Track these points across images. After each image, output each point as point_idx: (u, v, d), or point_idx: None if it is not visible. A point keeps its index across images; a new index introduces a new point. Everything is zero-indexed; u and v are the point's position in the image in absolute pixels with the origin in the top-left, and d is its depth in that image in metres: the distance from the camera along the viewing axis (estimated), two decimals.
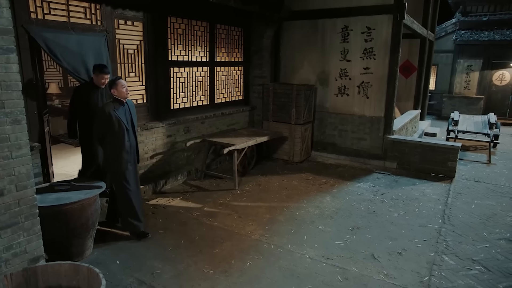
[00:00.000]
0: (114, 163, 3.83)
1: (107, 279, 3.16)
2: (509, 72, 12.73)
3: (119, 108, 3.78)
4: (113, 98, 3.81)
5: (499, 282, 3.30)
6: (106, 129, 3.74)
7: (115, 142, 3.78)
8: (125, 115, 3.83)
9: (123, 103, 3.83)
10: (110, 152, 3.82)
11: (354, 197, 5.32)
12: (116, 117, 3.72)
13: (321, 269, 3.45)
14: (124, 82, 3.83)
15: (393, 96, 6.63)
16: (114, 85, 3.76)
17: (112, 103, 3.79)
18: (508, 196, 5.48)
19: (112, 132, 3.75)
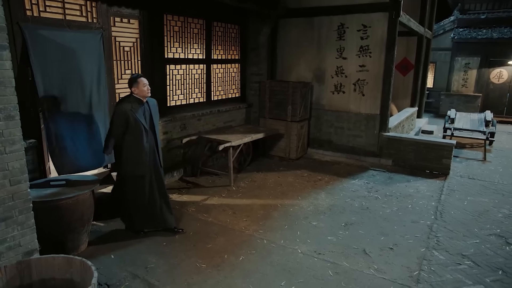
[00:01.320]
0: (133, 165, 3.70)
1: (101, 273, 3.24)
2: (506, 70, 12.75)
3: (138, 107, 3.63)
4: (132, 96, 3.66)
5: (487, 276, 3.35)
6: (123, 129, 3.60)
7: (132, 143, 3.64)
8: (144, 115, 3.68)
9: (143, 103, 3.70)
10: (128, 153, 3.68)
11: (349, 193, 5.37)
12: (134, 117, 3.57)
13: (313, 264, 3.50)
14: (146, 80, 3.66)
15: (388, 94, 6.67)
16: (135, 83, 3.60)
17: (129, 102, 3.63)
18: (501, 193, 5.53)
19: (129, 133, 3.61)
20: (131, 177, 3.76)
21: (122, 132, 3.60)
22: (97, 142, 4.39)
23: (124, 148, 3.66)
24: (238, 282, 3.18)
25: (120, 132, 3.60)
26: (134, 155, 3.65)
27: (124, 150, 3.67)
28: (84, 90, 4.25)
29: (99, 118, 4.46)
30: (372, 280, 3.27)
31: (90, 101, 4.33)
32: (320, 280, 3.24)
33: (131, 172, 3.73)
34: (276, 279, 3.23)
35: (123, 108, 3.55)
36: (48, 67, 3.88)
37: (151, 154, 3.78)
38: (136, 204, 3.86)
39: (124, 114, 3.54)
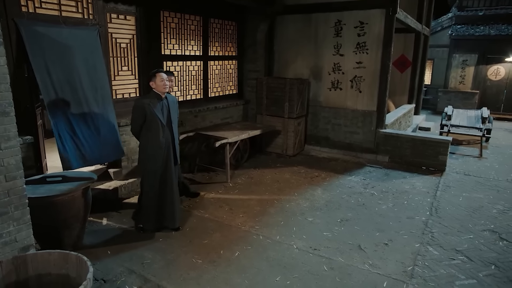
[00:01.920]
0: (148, 159, 3.74)
1: (97, 269, 3.27)
2: (504, 67, 12.78)
3: (156, 102, 3.66)
4: (153, 92, 3.69)
5: (480, 271, 3.39)
6: (141, 122, 3.67)
7: (149, 138, 3.70)
8: (162, 110, 3.70)
9: (161, 98, 3.72)
10: (144, 147, 3.75)
11: (345, 190, 5.40)
12: (151, 112, 3.60)
13: (308, 259, 3.52)
14: (165, 75, 3.67)
15: (385, 90, 6.69)
16: (153, 77, 3.63)
17: (148, 97, 3.67)
18: (496, 189, 5.57)
19: (146, 127, 3.67)
20: (145, 169, 3.80)
21: (141, 126, 3.69)
22: (103, 137, 4.42)
23: (141, 141, 3.76)
24: (233, 277, 3.21)
25: (139, 126, 3.69)
26: (149, 149, 3.71)
27: (142, 143, 3.76)
28: (84, 87, 4.26)
29: (104, 112, 4.48)
30: (367, 275, 3.29)
31: (92, 97, 4.34)
32: (315, 275, 3.27)
33: (146, 165, 3.77)
34: (271, 274, 3.25)
35: (141, 102, 3.62)
36: (46, 64, 3.89)
37: (166, 150, 3.79)
38: (146, 198, 3.87)
39: (142, 107, 3.59)
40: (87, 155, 4.20)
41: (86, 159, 4.19)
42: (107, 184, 4.95)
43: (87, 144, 4.20)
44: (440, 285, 3.17)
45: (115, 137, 4.60)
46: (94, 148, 4.30)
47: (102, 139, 4.38)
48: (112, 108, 4.57)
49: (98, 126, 4.35)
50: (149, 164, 3.76)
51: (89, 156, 4.22)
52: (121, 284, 3.09)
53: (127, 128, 5.12)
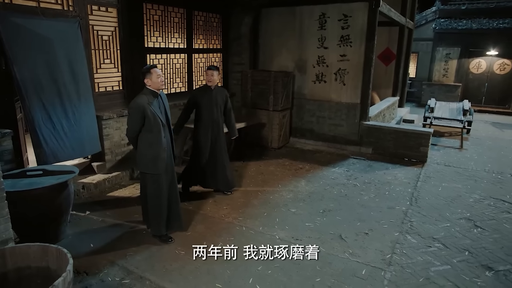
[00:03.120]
0: (150, 163, 3.47)
1: (80, 262, 3.27)
2: (485, 61, 13.04)
3: (153, 101, 3.40)
4: (146, 89, 3.43)
5: (454, 257, 3.51)
6: (140, 125, 3.38)
7: (150, 140, 3.42)
8: (160, 108, 3.47)
9: (157, 95, 3.47)
10: (145, 151, 3.47)
11: (328, 181, 5.49)
12: (151, 111, 3.34)
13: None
14: (159, 70, 3.44)
15: (368, 83, 6.77)
16: (148, 74, 3.36)
17: (145, 95, 3.39)
18: (474, 179, 5.73)
19: (147, 129, 3.39)
20: (148, 175, 3.55)
21: (140, 129, 3.41)
22: (81, 130, 4.39)
23: (141, 144, 3.48)
24: (216, 267, 3.26)
25: (138, 129, 3.40)
26: (152, 152, 3.44)
27: (142, 147, 3.48)
28: (64, 79, 4.21)
29: (83, 106, 4.44)
30: (346, 264, 3.38)
31: (72, 90, 4.30)
32: (296, 264, 3.34)
33: (150, 170, 3.51)
34: (253, 264, 3.31)
35: (140, 103, 3.32)
36: (25, 57, 3.83)
37: (168, 151, 3.59)
38: (154, 205, 3.63)
39: (141, 109, 3.31)
40: (65, 149, 4.16)
41: (65, 153, 4.15)
42: (90, 178, 4.94)
43: (66, 138, 4.17)
44: (416, 271, 3.28)
45: (94, 131, 4.57)
46: (73, 142, 4.27)
47: (81, 133, 4.35)
48: (92, 101, 4.53)
49: (78, 120, 4.32)
50: (153, 168, 3.48)
51: (67, 150, 4.19)
52: (104, 276, 3.11)
53: (111, 122, 5.11)
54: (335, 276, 3.18)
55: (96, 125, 4.64)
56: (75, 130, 4.30)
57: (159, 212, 3.63)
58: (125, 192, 4.88)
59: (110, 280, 3.06)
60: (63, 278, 2.15)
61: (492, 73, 13.00)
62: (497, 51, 12.65)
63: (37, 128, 3.95)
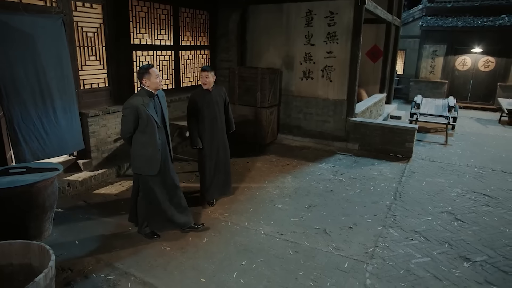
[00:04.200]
0: (144, 164, 3.43)
1: (64, 258, 3.28)
2: (470, 58, 13.25)
3: (149, 101, 3.34)
4: (142, 89, 3.37)
5: (434, 249, 3.60)
6: (134, 126, 3.33)
7: (144, 141, 3.38)
8: (155, 109, 3.41)
9: (153, 95, 3.41)
10: (139, 151, 3.42)
11: (314, 177, 5.55)
12: (146, 112, 3.28)
13: (274, 244, 3.64)
14: (157, 70, 3.39)
15: (355, 80, 6.84)
16: (146, 74, 3.29)
17: (140, 96, 3.33)
18: (456, 173, 5.85)
19: (141, 130, 3.34)
20: (142, 177, 3.51)
21: (134, 129, 3.36)
22: (63, 128, 4.35)
23: (135, 145, 3.44)
24: (201, 262, 3.29)
25: (132, 130, 3.35)
26: (146, 153, 3.40)
27: (136, 148, 3.43)
28: (46, 77, 4.18)
29: (65, 104, 4.41)
30: (330, 257, 3.44)
31: (55, 88, 4.27)
32: (280, 258, 3.39)
33: (143, 171, 3.47)
34: (238, 259, 3.35)
35: (133, 104, 3.26)
36: (5, 53, 3.79)
37: (163, 151, 3.53)
38: (151, 205, 3.61)
39: (134, 110, 3.25)
40: (45, 148, 4.13)
41: (45, 151, 4.12)
42: (76, 175, 4.92)
43: (46, 136, 4.14)
44: (397, 264, 3.36)
45: (76, 129, 4.55)
46: (54, 140, 4.24)
47: (63, 130, 4.32)
48: (74, 99, 4.50)
49: (60, 118, 4.28)
50: (147, 170, 3.45)
51: (48, 148, 4.16)
52: (88, 273, 3.12)
53: (96, 119, 5.09)
54: (318, 269, 3.23)
55: (79, 122, 4.61)
56: (56, 128, 4.26)
57: (148, 213, 3.61)
58: (111, 189, 4.88)
59: (95, 277, 3.07)
60: (45, 274, 2.16)
61: (477, 70, 13.22)
62: (481, 49, 12.86)
63: (16, 127, 3.91)
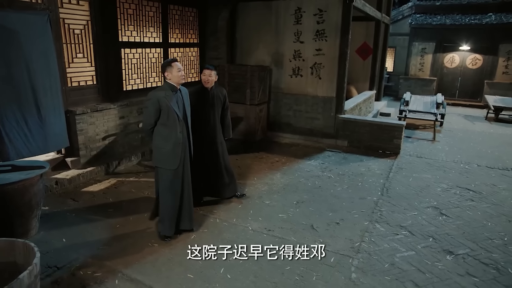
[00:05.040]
0: (164, 157, 3.43)
1: (51, 256, 3.27)
2: (458, 55, 13.43)
3: (171, 95, 3.36)
4: (165, 83, 3.41)
5: (419, 243, 3.67)
6: (155, 118, 3.35)
7: (164, 134, 3.39)
8: (177, 103, 3.42)
9: (176, 90, 3.43)
10: (159, 144, 3.43)
11: (303, 173, 5.59)
12: (168, 105, 3.30)
13: (261, 240, 3.67)
14: (180, 64, 3.40)
15: (344, 77, 6.90)
16: (169, 68, 3.33)
17: (163, 89, 3.37)
18: (443, 169, 5.95)
19: (162, 122, 3.36)
20: (162, 170, 3.51)
21: (155, 122, 3.39)
22: (47, 126, 4.32)
23: (156, 138, 3.45)
24: (187, 259, 3.30)
25: (153, 122, 3.38)
26: (166, 146, 3.40)
27: (157, 141, 3.44)
28: (31, 74, 4.13)
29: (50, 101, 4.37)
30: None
31: (39, 85, 4.22)
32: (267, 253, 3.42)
33: (163, 164, 3.47)
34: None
35: (156, 95, 3.30)
36: None
37: (184, 146, 3.51)
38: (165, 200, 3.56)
39: (156, 101, 3.28)
40: (29, 145, 4.08)
41: (28, 149, 4.08)
42: (64, 173, 4.89)
43: (30, 133, 4.10)
44: (382, 258, 3.42)
45: (61, 127, 4.52)
46: (38, 138, 4.19)
47: (47, 128, 4.28)
48: (60, 96, 4.47)
49: (44, 115, 4.24)
50: (168, 163, 3.45)
51: (31, 146, 4.11)
52: (75, 270, 3.11)
53: (84, 116, 5.07)
54: (304, 264, 3.27)
55: (64, 120, 4.57)
56: (40, 125, 4.22)
57: (169, 208, 3.55)
58: (100, 187, 4.86)
59: (82, 274, 3.07)
60: (29, 272, 2.16)
61: (465, 67, 13.40)
62: (469, 46, 13.04)
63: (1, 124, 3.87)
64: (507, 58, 12.52)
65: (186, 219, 3.70)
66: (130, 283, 2.98)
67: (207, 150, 4.34)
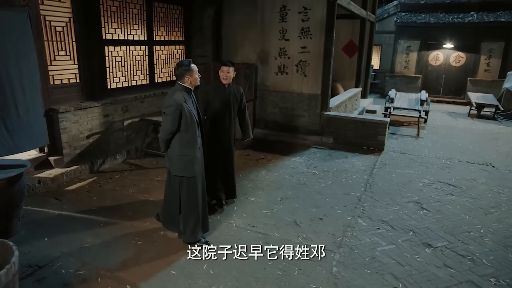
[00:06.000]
0: (188, 165, 3.29)
1: (32, 256, 3.26)
2: (442, 53, 13.65)
3: (188, 98, 3.24)
4: (179, 85, 3.23)
5: (399, 237, 3.76)
6: (178, 125, 3.17)
7: (187, 140, 3.24)
8: (193, 106, 3.30)
9: (191, 92, 3.31)
10: (182, 152, 3.27)
11: (288, 170, 5.64)
12: (189, 111, 3.16)
13: (245, 236, 3.71)
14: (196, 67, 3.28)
15: (328, 74, 6.96)
16: (189, 71, 3.17)
17: (180, 92, 3.19)
18: (425, 165, 6.07)
19: (183, 128, 3.20)
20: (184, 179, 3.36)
21: (177, 129, 3.20)
22: (25, 124, 4.28)
23: (176, 146, 3.28)
24: (171, 255, 3.32)
25: (175, 129, 3.18)
26: (189, 153, 3.26)
27: (178, 149, 3.28)
28: (9, 72, 4.08)
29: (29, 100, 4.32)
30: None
31: (18, 83, 4.17)
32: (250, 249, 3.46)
33: (187, 173, 3.33)
34: (208, 251, 3.39)
35: (178, 100, 3.11)
36: None
37: (202, 151, 3.41)
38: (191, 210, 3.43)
39: (178, 109, 3.10)
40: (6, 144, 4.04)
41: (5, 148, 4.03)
42: (47, 172, 4.85)
43: (7, 132, 4.05)
44: (363, 252, 3.49)
45: (40, 125, 4.49)
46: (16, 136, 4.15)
47: (25, 126, 4.24)
48: (39, 94, 4.42)
49: (23, 114, 4.20)
50: (191, 171, 3.30)
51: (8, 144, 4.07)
52: (57, 269, 3.10)
53: (68, 115, 5.02)
54: (287, 259, 3.32)
55: (44, 118, 4.53)
56: (18, 124, 4.18)
57: (195, 217, 3.43)
58: (84, 186, 4.83)
59: (64, 272, 3.06)
60: (6, 270, 2.15)
61: (449, 65, 13.64)
62: (452, 44, 13.27)
63: None
64: (488, 56, 12.79)
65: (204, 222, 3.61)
66: (112, 281, 2.98)
67: (220, 150, 4.21)
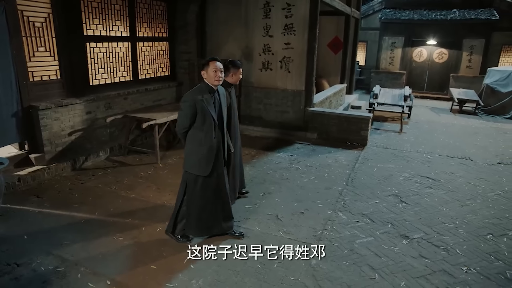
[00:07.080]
0: (197, 163, 3.27)
1: (10, 253, 3.24)
2: (426, 50, 13.87)
3: (209, 97, 3.17)
4: (203, 83, 3.20)
5: (378, 230, 3.84)
6: (191, 121, 3.18)
7: (199, 138, 3.23)
8: (214, 106, 3.23)
9: (214, 91, 3.23)
10: (192, 149, 3.27)
11: (272, 166, 5.69)
12: (205, 109, 3.13)
13: None
14: (220, 64, 3.17)
15: (312, 71, 7.02)
16: (205, 66, 3.16)
17: (200, 90, 3.17)
18: (406, 159, 6.19)
19: (197, 126, 3.19)
20: (192, 175, 3.35)
21: (190, 125, 3.22)
22: (2, 120, 4.22)
23: (189, 142, 3.29)
24: (152, 251, 3.34)
25: (188, 125, 3.22)
26: (200, 151, 3.25)
27: (190, 145, 3.29)
28: None
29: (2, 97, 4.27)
30: (279, 241, 3.57)
31: None
32: (230, 244, 3.49)
33: (195, 170, 3.32)
34: (189, 246, 3.42)
35: (192, 98, 3.12)
36: None
37: (218, 152, 3.35)
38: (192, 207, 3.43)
39: (193, 105, 3.11)
40: None
41: None
42: (27, 170, 4.79)
43: None
44: (342, 244, 3.56)
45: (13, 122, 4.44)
46: None
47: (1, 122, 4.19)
48: (14, 91, 4.37)
49: None
50: (200, 169, 3.29)
51: None
52: (37, 266, 3.09)
53: (48, 112, 4.96)
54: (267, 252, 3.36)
55: (19, 115, 4.48)
56: None
57: (196, 214, 3.42)
58: (65, 183, 4.80)
59: (43, 269, 3.05)
60: None
61: (432, 61, 13.86)
62: (436, 41, 13.48)
63: None
64: (470, 52, 13.04)
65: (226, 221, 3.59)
66: (92, 276, 2.99)
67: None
